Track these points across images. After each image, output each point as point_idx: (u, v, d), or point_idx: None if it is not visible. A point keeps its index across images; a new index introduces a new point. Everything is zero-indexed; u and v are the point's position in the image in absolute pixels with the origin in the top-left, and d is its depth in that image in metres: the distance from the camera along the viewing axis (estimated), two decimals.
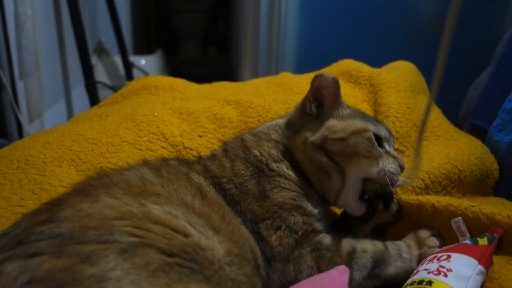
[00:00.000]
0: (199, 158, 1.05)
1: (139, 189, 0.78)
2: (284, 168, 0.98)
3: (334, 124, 0.97)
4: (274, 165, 0.97)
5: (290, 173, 0.98)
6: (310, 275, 0.86)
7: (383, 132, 0.98)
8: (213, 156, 1.03)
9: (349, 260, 0.87)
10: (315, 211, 0.94)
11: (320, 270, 0.86)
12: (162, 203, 0.76)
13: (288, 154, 1.01)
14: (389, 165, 0.93)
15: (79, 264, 0.60)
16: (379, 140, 0.97)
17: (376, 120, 1.02)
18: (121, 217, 0.69)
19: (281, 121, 1.09)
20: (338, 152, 0.95)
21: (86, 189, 0.78)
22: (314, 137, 0.97)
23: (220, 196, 0.90)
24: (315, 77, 0.97)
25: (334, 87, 0.98)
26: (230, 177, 0.94)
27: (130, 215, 0.70)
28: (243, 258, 0.79)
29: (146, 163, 0.93)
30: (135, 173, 0.86)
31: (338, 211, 1.12)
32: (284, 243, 0.87)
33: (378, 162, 0.94)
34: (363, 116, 1.00)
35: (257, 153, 0.99)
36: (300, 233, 0.88)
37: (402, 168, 0.96)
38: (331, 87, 0.98)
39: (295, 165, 1.00)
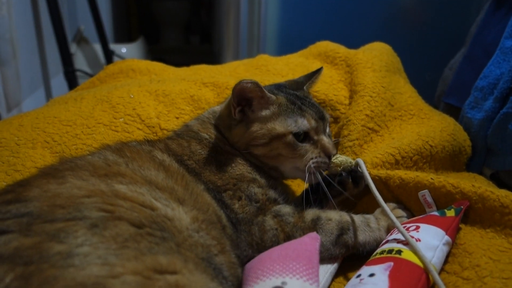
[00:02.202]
0: (160, 139, 1.10)
1: (104, 170, 0.79)
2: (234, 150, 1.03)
3: (255, 130, 0.99)
4: (227, 147, 1.03)
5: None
6: (275, 236, 0.91)
7: (306, 126, 0.99)
8: (171, 137, 1.08)
9: (314, 225, 0.91)
10: (262, 181, 0.99)
11: (285, 233, 0.91)
12: (127, 182, 0.77)
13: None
14: (312, 160, 0.99)
15: (47, 241, 0.60)
16: (306, 134, 1.00)
17: (301, 109, 1.01)
18: (90, 195, 0.70)
19: (217, 108, 1.13)
20: (264, 156, 1.01)
21: (52, 172, 0.79)
22: (239, 143, 1.02)
23: (182, 168, 0.94)
24: (236, 85, 0.96)
25: (256, 89, 0.97)
26: (189, 155, 0.99)
27: (99, 192, 0.71)
28: (209, 222, 0.82)
29: (107, 146, 0.96)
30: (98, 156, 0.88)
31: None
32: (246, 210, 0.93)
33: (303, 160, 0.99)
34: (287, 112, 1.00)
35: (206, 135, 1.04)
36: (260, 202, 0.95)
37: (329, 156, 1.01)
38: (256, 90, 0.98)
39: None
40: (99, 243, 0.62)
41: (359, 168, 1.02)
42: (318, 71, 1.18)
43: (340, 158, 1.02)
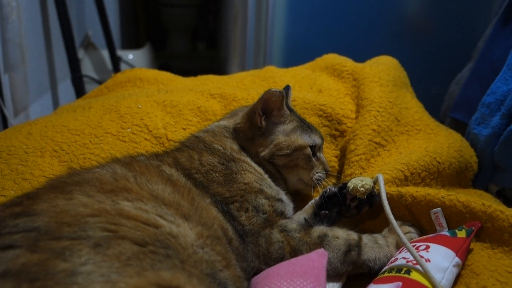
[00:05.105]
0: (168, 151, 1.11)
1: (111, 185, 0.80)
2: (248, 159, 1.09)
3: (281, 141, 1.11)
4: (238, 156, 1.07)
5: (252, 163, 1.09)
6: (281, 249, 0.91)
7: (317, 141, 1.15)
8: (180, 148, 1.09)
9: (320, 241, 0.92)
10: (274, 192, 1.02)
11: (291, 246, 0.91)
12: (133, 199, 0.78)
13: (244, 152, 1.12)
14: (317, 174, 1.13)
15: (52, 259, 0.61)
16: (314, 149, 1.14)
17: (310, 128, 1.16)
18: (95, 214, 0.71)
19: (225, 123, 1.18)
20: (284, 165, 1.11)
21: (60, 185, 0.79)
22: (264, 152, 1.11)
23: (189, 182, 0.95)
24: (265, 93, 1.07)
25: (280, 100, 1.09)
26: (198, 168, 1.01)
27: (103, 212, 0.72)
28: (214, 238, 0.82)
29: (116, 159, 0.97)
30: (106, 170, 0.88)
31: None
32: (253, 222, 0.94)
33: (311, 172, 1.12)
34: (302, 128, 1.14)
35: (219, 147, 1.08)
36: (267, 213, 0.96)
37: (327, 171, 1.16)
38: (279, 100, 1.09)
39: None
40: (102, 262, 0.62)
41: (375, 189, 1.01)
42: (288, 89, 1.27)
43: (366, 186, 0.97)
